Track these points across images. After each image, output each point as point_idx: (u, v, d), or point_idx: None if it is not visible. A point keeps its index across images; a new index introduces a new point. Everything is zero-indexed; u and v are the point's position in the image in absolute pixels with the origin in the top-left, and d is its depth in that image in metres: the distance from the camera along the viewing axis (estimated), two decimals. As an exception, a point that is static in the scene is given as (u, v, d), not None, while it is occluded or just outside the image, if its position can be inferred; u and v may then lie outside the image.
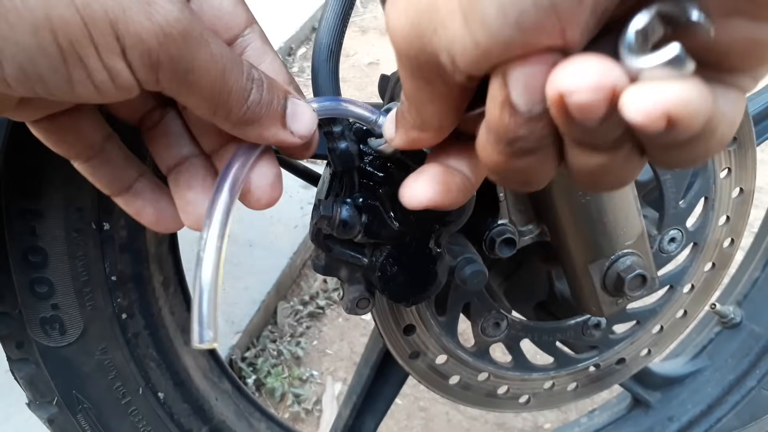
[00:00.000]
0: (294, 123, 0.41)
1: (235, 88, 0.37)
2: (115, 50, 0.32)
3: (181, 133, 0.44)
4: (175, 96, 0.37)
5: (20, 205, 0.63)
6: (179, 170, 0.44)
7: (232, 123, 0.39)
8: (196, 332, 0.38)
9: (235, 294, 1.72)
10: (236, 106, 0.38)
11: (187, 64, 0.34)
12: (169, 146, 0.44)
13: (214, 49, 0.36)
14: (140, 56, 0.33)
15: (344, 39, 0.54)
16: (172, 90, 0.36)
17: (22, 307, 0.66)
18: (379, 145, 0.50)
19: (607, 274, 0.69)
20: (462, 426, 1.53)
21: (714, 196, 0.78)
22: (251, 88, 0.38)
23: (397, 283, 0.59)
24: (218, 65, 0.36)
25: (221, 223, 0.39)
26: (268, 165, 0.42)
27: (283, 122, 0.41)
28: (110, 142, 0.44)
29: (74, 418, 0.73)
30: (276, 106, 0.40)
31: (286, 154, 0.45)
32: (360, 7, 3.57)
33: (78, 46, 0.32)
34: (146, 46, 0.33)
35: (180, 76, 0.35)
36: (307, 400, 1.58)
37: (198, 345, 0.38)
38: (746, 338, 1.12)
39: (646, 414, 1.14)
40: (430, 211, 0.57)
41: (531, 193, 0.66)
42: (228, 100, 0.37)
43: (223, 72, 0.36)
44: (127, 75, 0.33)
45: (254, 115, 0.39)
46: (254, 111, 0.39)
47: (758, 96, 0.91)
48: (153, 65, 0.33)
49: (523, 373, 0.83)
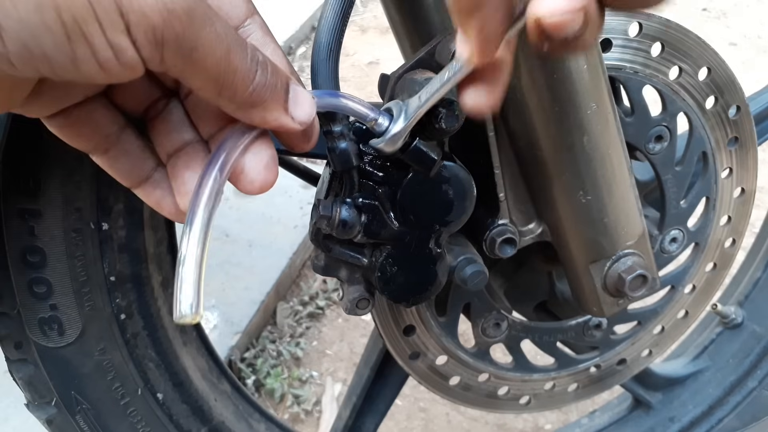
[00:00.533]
0: (295, 108, 0.41)
1: (241, 68, 0.37)
2: (119, 27, 0.32)
3: (182, 120, 0.44)
4: (180, 76, 0.36)
5: (19, 205, 0.62)
6: (178, 155, 0.44)
7: (237, 104, 0.39)
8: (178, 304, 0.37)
9: (234, 294, 1.72)
10: (242, 86, 0.38)
11: (191, 42, 0.34)
12: (170, 133, 0.44)
13: (218, 28, 0.36)
14: (144, 33, 0.33)
15: (344, 38, 0.53)
16: (176, 69, 0.35)
17: (20, 307, 0.66)
18: (379, 143, 0.50)
19: (608, 275, 0.68)
20: (462, 427, 1.53)
21: (715, 196, 0.78)
22: (256, 70, 0.38)
23: (397, 284, 0.59)
24: (223, 44, 0.36)
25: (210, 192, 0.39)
26: (263, 147, 0.42)
27: (285, 107, 0.41)
28: (126, 132, 0.44)
29: (73, 418, 0.73)
30: (279, 90, 0.40)
31: (287, 147, 0.45)
32: (360, 6, 3.56)
33: (82, 23, 0.32)
34: (150, 22, 0.33)
35: (185, 53, 0.35)
36: (306, 401, 1.58)
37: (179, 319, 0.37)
38: (747, 339, 1.12)
39: (647, 415, 1.14)
40: (431, 211, 0.57)
41: (532, 193, 0.66)
42: (233, 80, 0.37)
43: (228, 52, 0.36)
44: (132, 52, 0.33)
45: (259, 98, 0.39)
46: (259, 93, 0.39)
47: (759, 96, 0.91)
48: (158, 42, 0.33)
49: (523, 374, 0.83)
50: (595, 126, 0.59)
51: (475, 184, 0.58)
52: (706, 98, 0.71)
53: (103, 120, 0.43)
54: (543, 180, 0.63)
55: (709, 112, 0.72)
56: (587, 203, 0.63)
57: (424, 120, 0.53)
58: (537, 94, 0.57)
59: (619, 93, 0.72)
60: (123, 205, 0.68)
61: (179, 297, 0.37)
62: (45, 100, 0.40)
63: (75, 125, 0.42)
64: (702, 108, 0.72)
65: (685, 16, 3.31)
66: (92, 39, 0.32)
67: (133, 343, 0.73)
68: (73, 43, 0.32)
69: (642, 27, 0.65)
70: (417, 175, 0.55)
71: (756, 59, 3.04)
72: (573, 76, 0.56)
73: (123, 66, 0.34)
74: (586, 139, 0.60)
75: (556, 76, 0.56)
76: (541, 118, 0.59)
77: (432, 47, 0.59)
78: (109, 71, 0.34)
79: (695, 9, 3.49)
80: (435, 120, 0.52)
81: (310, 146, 0.46)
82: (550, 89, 0.57)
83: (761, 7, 3.52)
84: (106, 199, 0.66)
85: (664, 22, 0.66)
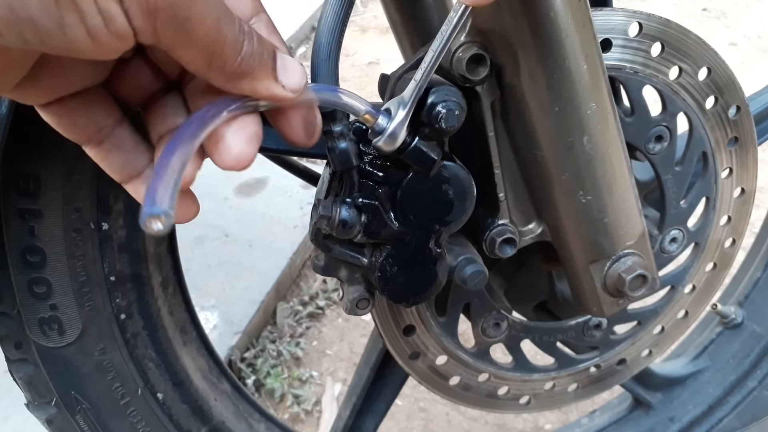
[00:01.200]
0: (285, 76, 0.41)
1: (230, 38, 0.37)
2: None
3: (178, 106, 0.44)
4: (171, 48, 0.36)
5: (19, 205, 0.62)
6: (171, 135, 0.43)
7: (227, 76, 0.39)
8: (148, 197, 0.33)
9: (234, 294, 1.72)
10: (231, 57, 0.38)
11: (185, 11, 0.34)
12: (166, 117, 0.44)
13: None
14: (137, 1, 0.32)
15: (344, 38, 0.53)
16: (167, 40, 0.35)
17: (20, 307, 0.66)
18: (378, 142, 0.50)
19: (608, 274, 0.68)
20: (462, 427, 1.53)
21: (715, 196, 0.78)
22: (243, 39, 0.38)
23: (396, 284, 0.59)
24: (213, 14, 0.36)
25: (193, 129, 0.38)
26: (249, 122, 0.42)
27: (274, 75, 0.41)
28: (122, 126, 0.44)
29: (73, 418, 0.73)
30: (267, 59, 0.40)
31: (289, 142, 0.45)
32: (360, 7, 3.56)
33: None
34: None
35: (177, 24, 0.34)
36: (306, 401, 1.58)
37: (147, 217, 0.33)
38: (747, 339, 1.12)
39: (647, 415, 1.14)
40: (431, 211, 0.57)
41: (532, 193, 0.66)
42: (223, 50, 0.37)
43: (218, 21, 0.36)
44: (122, 20, 0.33)
45: (248, 67, 0.39)
46: (248, 63, 0.39)
47: (759, 96, 0.91)
48: (150, 11, 0.33)
49: (523, 374, 0.83)
50: (595, 126, 0.59)
51: (475, 184, 0.58)
52: (706, 98, 0.71)
53: (100, 112, 0.43)
54: (543, 180, 0.63)
55: (709, 112, 0.72)
56: (587, 203, 0.63)
57: (424, 120, 0.53)
58: (537, 94, 0.57)
59: (619, 93, 0.72)
60: (123, 205, 0.68)
61: (151, 190, 0.34)
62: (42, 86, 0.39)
63: (70, 115, 0.42)
64: (702, 108, 0.72)
65: (685, 16, 3.31)
66: (81, 4, 0.31)
67: (133, 343, 0.73)
68: (60, 7, 0.31)
69: (642, 27, 0.65)
70: (417, 175, 0.55)
71: (756, 59, 3.04)
72: (573, 76, 0.56)
73: (112, 35, 0.33)
74: (586, 139, 0.60)
75: (556, 76, 0.56)
76: (541, 118, 0.59)
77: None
78: (98, 40, 0.33)
79: (695, 9, 3.49)
80: (435, 120, 0.52)
81: (312, 141, 0.46)
82: (550, 89, 0.57)
83: (761, 7, 3.52)
84: (106, 199, 0.66)
85: (664, 22, 0.66)
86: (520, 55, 0.55)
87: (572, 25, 0.54)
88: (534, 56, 0.55)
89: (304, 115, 0.45)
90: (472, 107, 0.57)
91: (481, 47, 0.56)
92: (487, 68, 0.56)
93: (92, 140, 0.43)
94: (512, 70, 0.57)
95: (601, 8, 0.65)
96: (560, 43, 0.54)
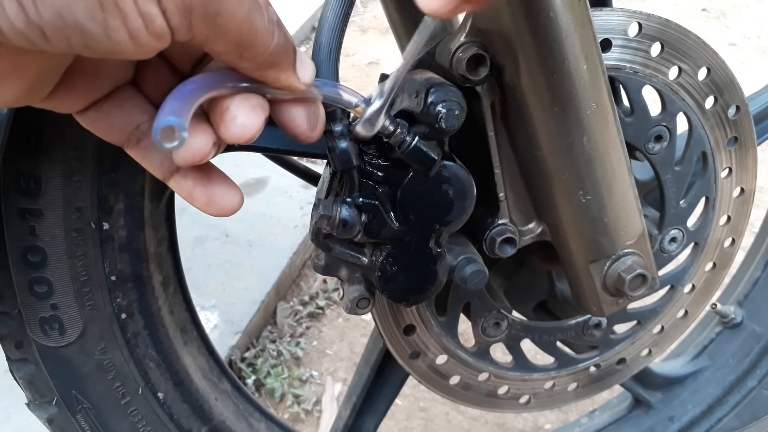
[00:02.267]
0: (302, 69, 0.43)
1: (261, 29, 0.38)
2: None
3: None
4: (204, 43, 0.37)
5: (20, 205, 0.62)
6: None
7: (257, 65, 0.40)
8: (161, 113, 0.34)
9: (234, 294, 1.72)
10: (262, 47, 0.39)
11: (216, 7, 0.35)
12: None
13: None
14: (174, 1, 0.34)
15: (344, 38, 0.54)
16: (202, 36, 0.36)
17: (21, 306, 0.66)
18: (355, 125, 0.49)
19: (607, 274, 0.68)
20: (462, 426, 1.53)
21: (715, 196, 0.78)
22: (274, 30, 0.39)
23: (397, 283, 0.59)
24: (244, 7, 0.37)
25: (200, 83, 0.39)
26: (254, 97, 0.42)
27: (294, 67, 0.42)
28: None
29: (74, 418, 0.73)
30: (290, 52, 0.42)
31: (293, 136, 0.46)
32: (360, 7, 3.56)
33: None
34: None
35: (210, 19, 0.35)
36: (306, 401, 1.58)
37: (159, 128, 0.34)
38: (747, 338, 1.12)
39: (646, 414, 1.14)
40: (431, 211, 0.57)
41: (532, 193, 0.66)
42: (255, 41, 0.38)
43: (248, 13, 0.37)
44: (161, 21, 0.34)
45: (276, 58, 0.40)
46: (278, 53, 0.40)
47: (758, 96, 0.91)
48: (186, 9, 0.34)
49: (523, 374, 0.83)
50: (595, 126, 0.59)
51: (475, 184, 0.58)
52: (705, 98, 0.71)
53: (134, 109, 0.44)
54: (543, 180, 0.63)
55: (709, 112, 0.72)
56: (587, 203, 0.63)
57: (424, 120, 0.53)
58: (537, 94, 0.57)
59: (619, 93, 0.73)
60: (123, 205, 0.68)
61: (165, 103, 0.35)
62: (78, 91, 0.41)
63: (108, 117, 0.43)
64: (701, 108, 0.72)
65: (684, 16, 3.32)
66: (124, 7, 0.33)
67: (134, 342, 0.73)
68: (105, 12, 0.33)
69: (642, 27, 0.65)
70: (417, 174, 0.55)
71: (756, 59, 3.04)
72: (573, 76, 0.56)
73: (151, 36, 0.34)
74: (586, 139, 0.60)
75: (555, 76, 0.56)
76: (541, 118, 0.59)
77: (432, 47, 0.59)
78: (139, 42, 0.34)
79: (695, 9, 3.49)
80: (435, 120, 0.52)
81: (315, 134, 0.46)
82: (550, 89, 0.57)
83: (761, 7, 3.52)
84: (106, 199, 0.66)
85: (664, 22, 0.66)
86: (520, 55, 0.55)
87: (572, 25, 0.54)
88: (534, 56, 0.55)
89: (308, 108, 0.46)
90: (472, 107, 0.57)
91: (481, 47, 0.56)
92: (487, 68, 0.57)
93: (131, 139, 0.45)
94: (512, 70, 0.57)
95: (601, 8, 0.65)
96: (560, 43, 0.54)
